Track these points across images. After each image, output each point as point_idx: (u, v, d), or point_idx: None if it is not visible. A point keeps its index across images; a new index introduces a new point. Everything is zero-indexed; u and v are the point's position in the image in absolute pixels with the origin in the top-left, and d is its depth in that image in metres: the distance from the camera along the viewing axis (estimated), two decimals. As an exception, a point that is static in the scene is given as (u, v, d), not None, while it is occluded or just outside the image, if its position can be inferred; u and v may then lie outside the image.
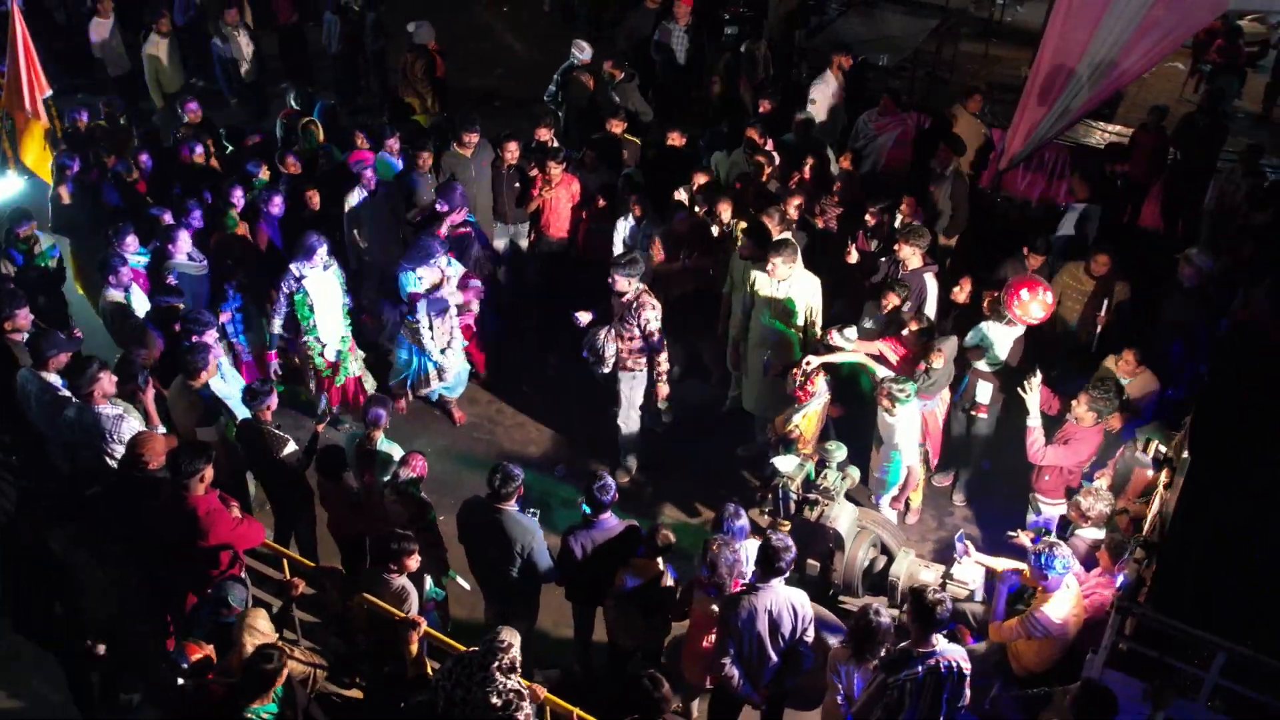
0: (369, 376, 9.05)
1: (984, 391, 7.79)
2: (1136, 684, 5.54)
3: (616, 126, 10.34)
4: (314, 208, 9.18)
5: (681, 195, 9.46)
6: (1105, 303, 8.13)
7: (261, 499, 7.79)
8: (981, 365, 7.77)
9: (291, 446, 6.97)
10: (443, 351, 8.90)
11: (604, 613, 6.73)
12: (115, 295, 8.05)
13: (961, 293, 8.26)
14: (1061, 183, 12.44)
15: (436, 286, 8.66)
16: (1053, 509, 7.42)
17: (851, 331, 7.81)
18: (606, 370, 8.33)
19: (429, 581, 6.39)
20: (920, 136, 11.36)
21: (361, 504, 7.19)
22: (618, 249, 9.47)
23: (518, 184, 9.89)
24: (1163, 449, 6.22)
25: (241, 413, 7.36)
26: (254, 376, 8.58)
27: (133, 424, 6.56)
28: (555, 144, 10.10)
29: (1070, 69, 11.22)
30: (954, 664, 5.60)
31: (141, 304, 8.20)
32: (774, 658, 6.07)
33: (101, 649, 6.05)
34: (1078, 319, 8.42)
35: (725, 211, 9.11)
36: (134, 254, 8.46)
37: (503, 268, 10.38)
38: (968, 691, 5.75)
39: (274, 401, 7.00)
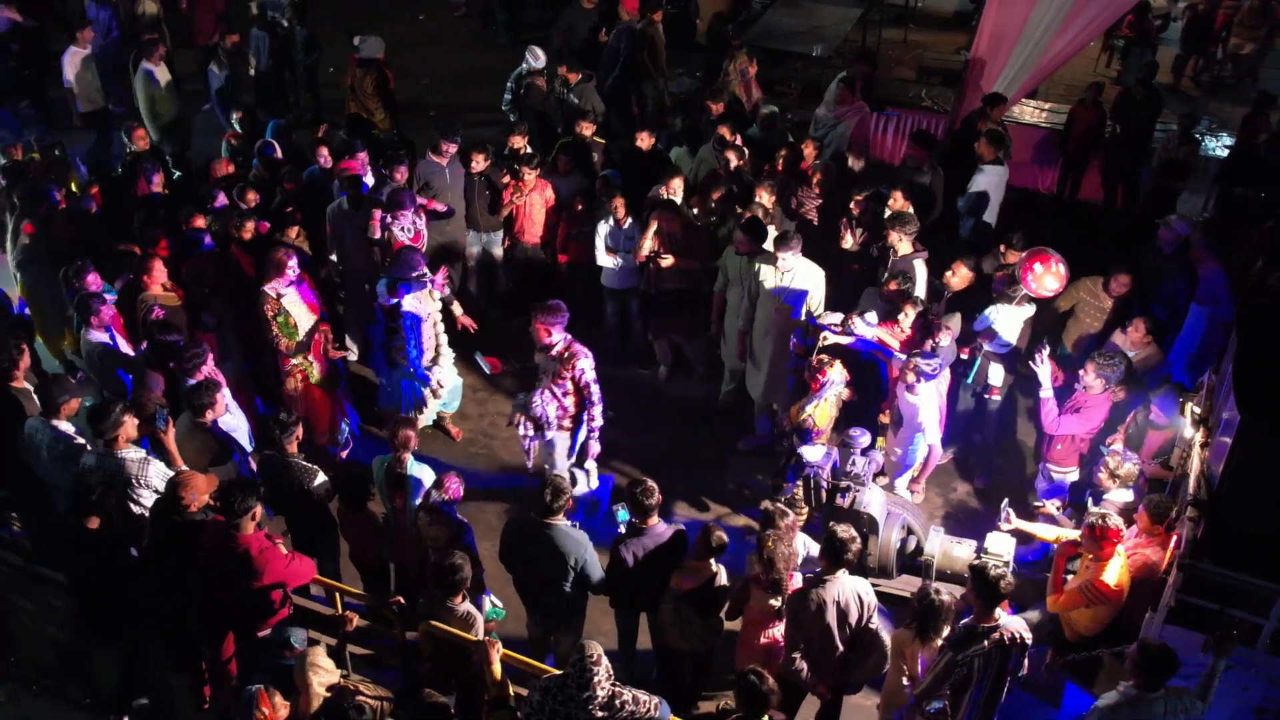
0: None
1: (995, 374, 7.97)
2: (1196, 636, 5.76)
3: (586, 129, 10.29)
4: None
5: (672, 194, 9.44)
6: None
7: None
8: (991, 348, 7.95)
9: (321, 477, 6.76)
10: (429, 367, 8.72)
11: (655, 618, 6.69)
12: (99, 336, 7.70)
13: (955, 277, 8.42)
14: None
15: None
16: (1064, 476, 7.64)
17: (872, 317, 7.91)
18: (550, 436, 7.97)
19: (487, 603, 6.28)
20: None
21: (387, 531, 7.03)
22: (600, 253, 9.44)
23: (488, 192, 9.78)
24: (1196, 409, 6.45)
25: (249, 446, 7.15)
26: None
27: (160, 467, 6.29)
28: (528, 150, 9.99)
29: (1007, 52, 11.63)
30: (1017, 636, 5.75)
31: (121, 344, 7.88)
32: (840, 647, 6.14)
33: None
34: (1094, 335, 8.35)
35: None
36: (98, 292, 8.09)
37: (474, 277, 10.27)
38: (1027, 661, 5.92)
39: (300, 432, 6.79)
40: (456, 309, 8.94)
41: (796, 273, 8.27)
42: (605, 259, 9.44)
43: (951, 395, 8.35)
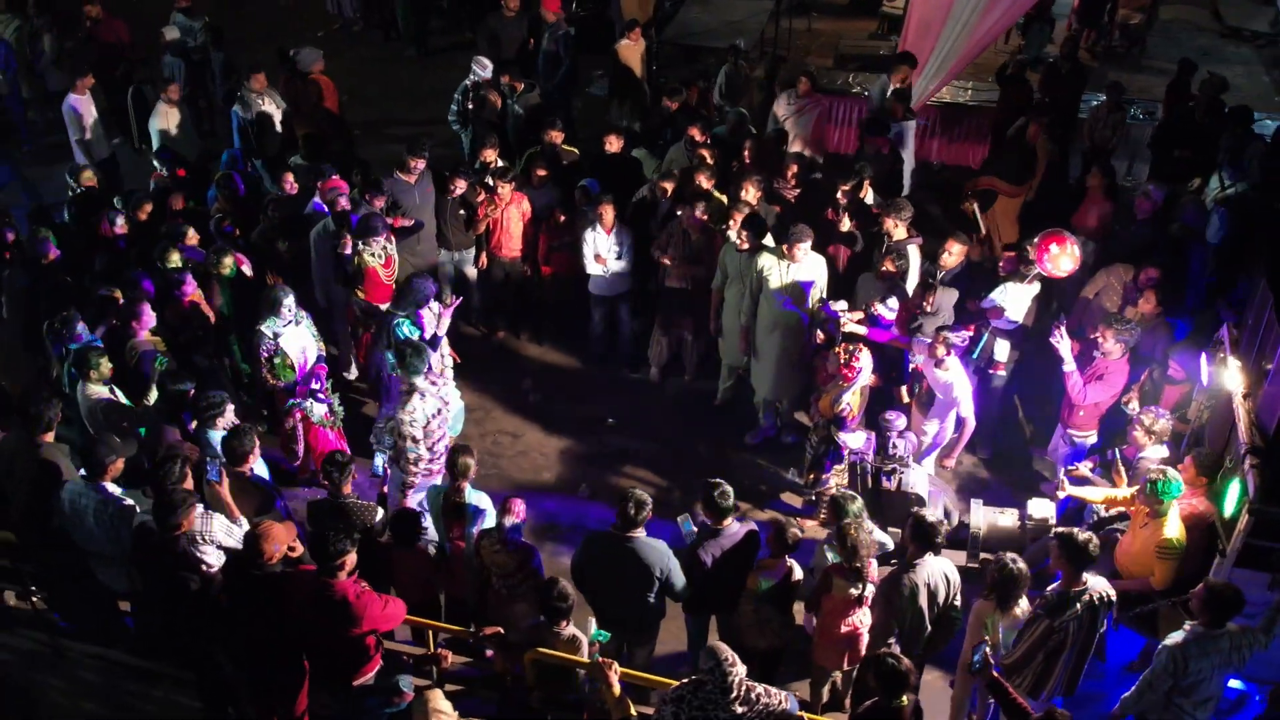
0: None
1: (1001, 350, 8.22)
2: (1263, 576, 6.11)
3: (556, 136, 10.17)
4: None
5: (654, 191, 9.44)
6: None
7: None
8: (998, 324, 8.20)
9: (380, 513, 6.55)
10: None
11: (731, 619, 6.71)
12: (100, 391, 7.26)
13: (949, 255, 8.65)
14: (932, 141, 13.29)
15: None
16: (1085, 440, 7.95)
17: (894, 302, 8.07)
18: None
19: (591, 624, 6.19)
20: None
21: (444, 563, 6.85)
22: (589, 261, 9.37)
23: (462, 210, 9.60)
24: (1235, 361, 6.79)
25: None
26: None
27: (221, 521, 5.98)
28: (499, 163, 9.83)
29: (935, 35, 11.99)
30: (1104, 595, 5.99)
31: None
32: (930, 628, 6.28)
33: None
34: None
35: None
36: (95, 343, 7.65)
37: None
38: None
39: (355, 472, 6.56)
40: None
41: (802, 265, 8.38)
42: (594, 267, 9.37)
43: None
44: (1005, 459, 9.06)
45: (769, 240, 8.68)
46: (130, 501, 6.04)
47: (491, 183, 9.47)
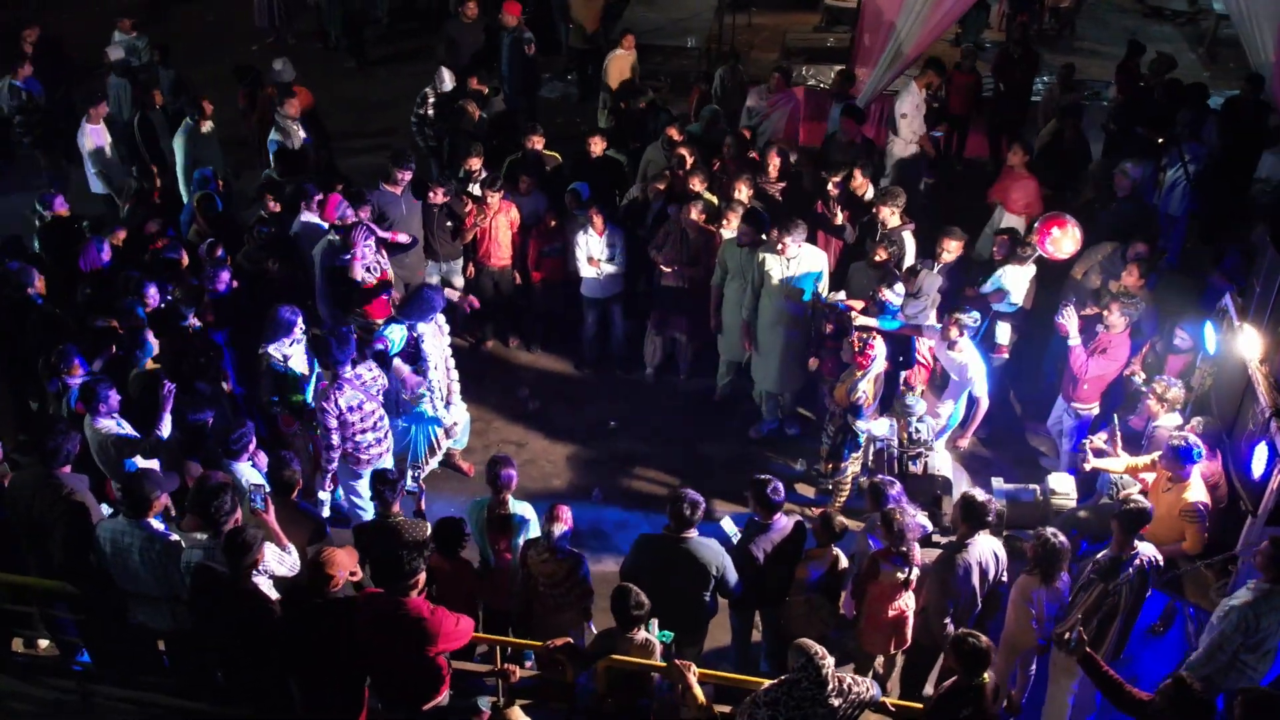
0: None
1: (1003, 333, 8.42)
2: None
3: (537, 142, 10.11)
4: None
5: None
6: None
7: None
8: (1000, 308, 8.40)
9: (429, 527, 6.46)
10: (447, 406, 8.45)
11: (781, 611, 6.76)
12: (109, 425, 7.01)
13: (945, 252, 8.76)
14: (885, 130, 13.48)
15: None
16: (1089, 413, 8.18)
17: (900, 288, 8.19)
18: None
19: (654, 626, 6.17)
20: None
21: (489, 575, 6.79)
22: (582, 264, 9.34)
23: (449, 222, 9.51)
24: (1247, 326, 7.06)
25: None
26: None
27: (274, 550, 5.81)
28: (485, 173, 9.75)
29: (889, 26, 12.19)
30: (1152, 559, 6.20)
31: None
32: (980, 606, 6.42)
33: None
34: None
35: (696, 184, 9.31)
36: (82, 377, 7.40)
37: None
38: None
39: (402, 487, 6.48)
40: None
41: (802, 258, 8.48)
42: (588, 270, 9.35)
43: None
44: (1000, 437, 9.28)
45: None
46: (176, 537, 5.85)
47: (480, 192, 9.38)
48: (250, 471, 6.83)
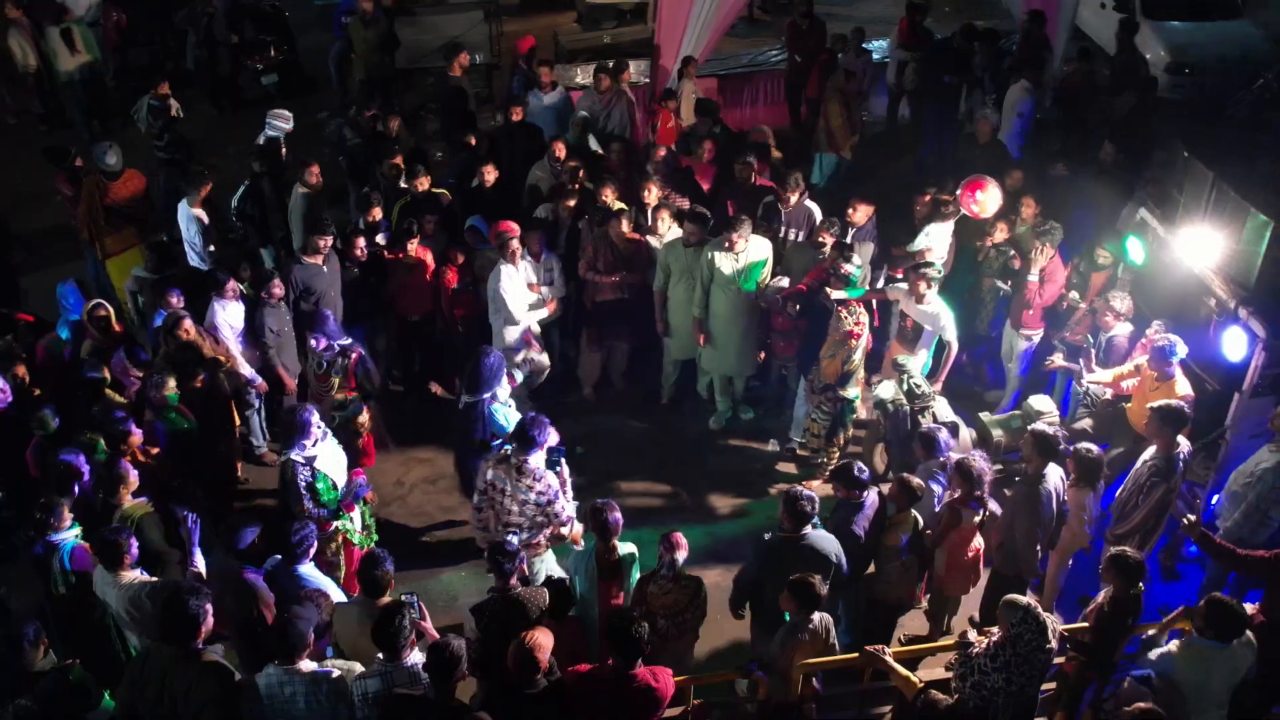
0: None
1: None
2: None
3: (424, 183, 9.65)
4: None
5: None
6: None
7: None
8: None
9: (546, 594, 6.20)
10: None
11: (873, 579, 7.05)
12: (132, 575, 6.19)
13: (856, 213, 9.35)
14: (772, 109, 13.96)
15: None
16: (1035, 335, 9.02)
17: (856, 259, 8.62)
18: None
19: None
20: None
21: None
22: (514, 301, 9.03)
23: (373, 277, 9.01)
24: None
25: (337, 596, 6.28)
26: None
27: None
28: (386, 221, 9.28)
29: (683, 25, 12.55)
30: (1190, 450, 7.11)
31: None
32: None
33: None
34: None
35: (609, 195, 9.41)
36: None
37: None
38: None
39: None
40: None
41: (750, 249, 8.74)
42: (520, 307, 9.01)
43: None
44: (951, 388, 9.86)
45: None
46: (338, 672, 5.29)
47: (399, 243, 8.97)
48: (315, 573, 6.30)
